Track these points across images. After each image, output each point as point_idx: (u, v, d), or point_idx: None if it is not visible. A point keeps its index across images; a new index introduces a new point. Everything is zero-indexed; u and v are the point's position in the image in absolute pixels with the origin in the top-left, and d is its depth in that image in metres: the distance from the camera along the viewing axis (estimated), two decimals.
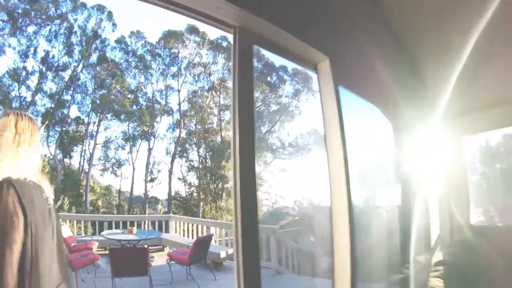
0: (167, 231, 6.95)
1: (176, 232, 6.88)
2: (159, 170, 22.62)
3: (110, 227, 6.74)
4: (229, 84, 23.23)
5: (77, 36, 20.56)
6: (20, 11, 18.30)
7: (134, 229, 5.41)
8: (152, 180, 22.46)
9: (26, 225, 0.97)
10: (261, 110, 24.09)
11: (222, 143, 22.90)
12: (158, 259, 4.96)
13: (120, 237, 5.02)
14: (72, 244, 4.97)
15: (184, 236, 6.64)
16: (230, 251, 5.28)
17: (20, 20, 18.35)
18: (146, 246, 5.75)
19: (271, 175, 25.84)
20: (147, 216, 12.48)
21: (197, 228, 6.46)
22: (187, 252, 4.46)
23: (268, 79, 24.76)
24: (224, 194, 21.94)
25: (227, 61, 24.14)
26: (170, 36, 22.52)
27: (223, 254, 5.14)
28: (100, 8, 21.04)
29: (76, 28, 20.33)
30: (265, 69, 25.15)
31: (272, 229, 5.28)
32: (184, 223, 6.83)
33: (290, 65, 25.83)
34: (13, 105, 18.71)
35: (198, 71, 23.19)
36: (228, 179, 21.82)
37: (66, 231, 5.32)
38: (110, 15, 21.29)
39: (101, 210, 20.80)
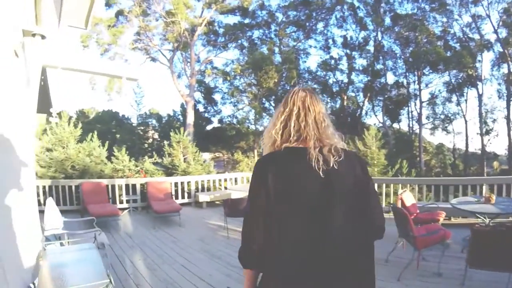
0: None
1: None
2: (494, 119, 18.80)
3: (445, 191, 5.65)
4: None
5: (362, 10, 20.57)
6: (303, 17, 20.62)
7: (493, 196, 3.96)
8: (487, 132, 18.72)
9: (269, 198, 0.96)
10: None
11: None
12: None
13: (474, 208, 3.76)
14: (414, 214, 4.25)
15: None
16: None
17: (307, 24, 20.87)
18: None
19: None
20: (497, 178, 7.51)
21: None
22: None
23: None
24: None
25: None
26: None
27: None
28: None
29: (356, 4, 20.32)
30: None
31: None
32: None
33: None
34: (334, 89, 21.29)
35: None
36: None
37: (409, 198, 4.60)
38: None
39: (435, 170, 19.85)
